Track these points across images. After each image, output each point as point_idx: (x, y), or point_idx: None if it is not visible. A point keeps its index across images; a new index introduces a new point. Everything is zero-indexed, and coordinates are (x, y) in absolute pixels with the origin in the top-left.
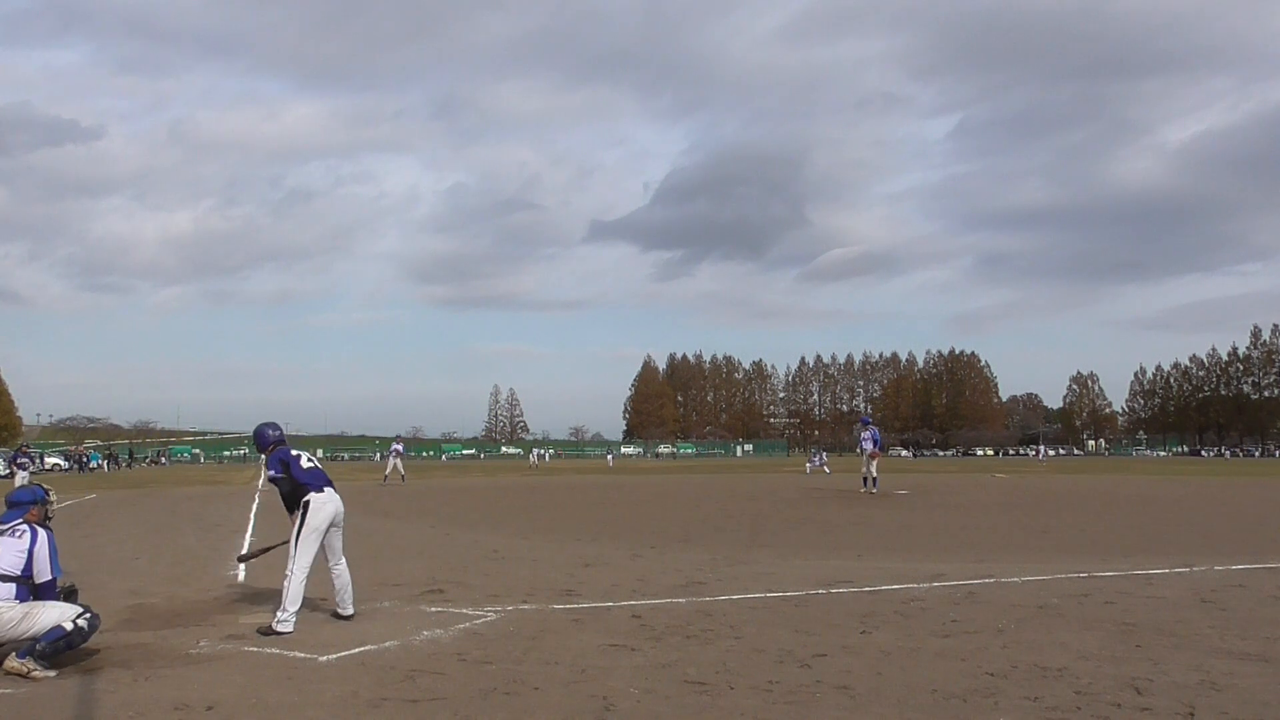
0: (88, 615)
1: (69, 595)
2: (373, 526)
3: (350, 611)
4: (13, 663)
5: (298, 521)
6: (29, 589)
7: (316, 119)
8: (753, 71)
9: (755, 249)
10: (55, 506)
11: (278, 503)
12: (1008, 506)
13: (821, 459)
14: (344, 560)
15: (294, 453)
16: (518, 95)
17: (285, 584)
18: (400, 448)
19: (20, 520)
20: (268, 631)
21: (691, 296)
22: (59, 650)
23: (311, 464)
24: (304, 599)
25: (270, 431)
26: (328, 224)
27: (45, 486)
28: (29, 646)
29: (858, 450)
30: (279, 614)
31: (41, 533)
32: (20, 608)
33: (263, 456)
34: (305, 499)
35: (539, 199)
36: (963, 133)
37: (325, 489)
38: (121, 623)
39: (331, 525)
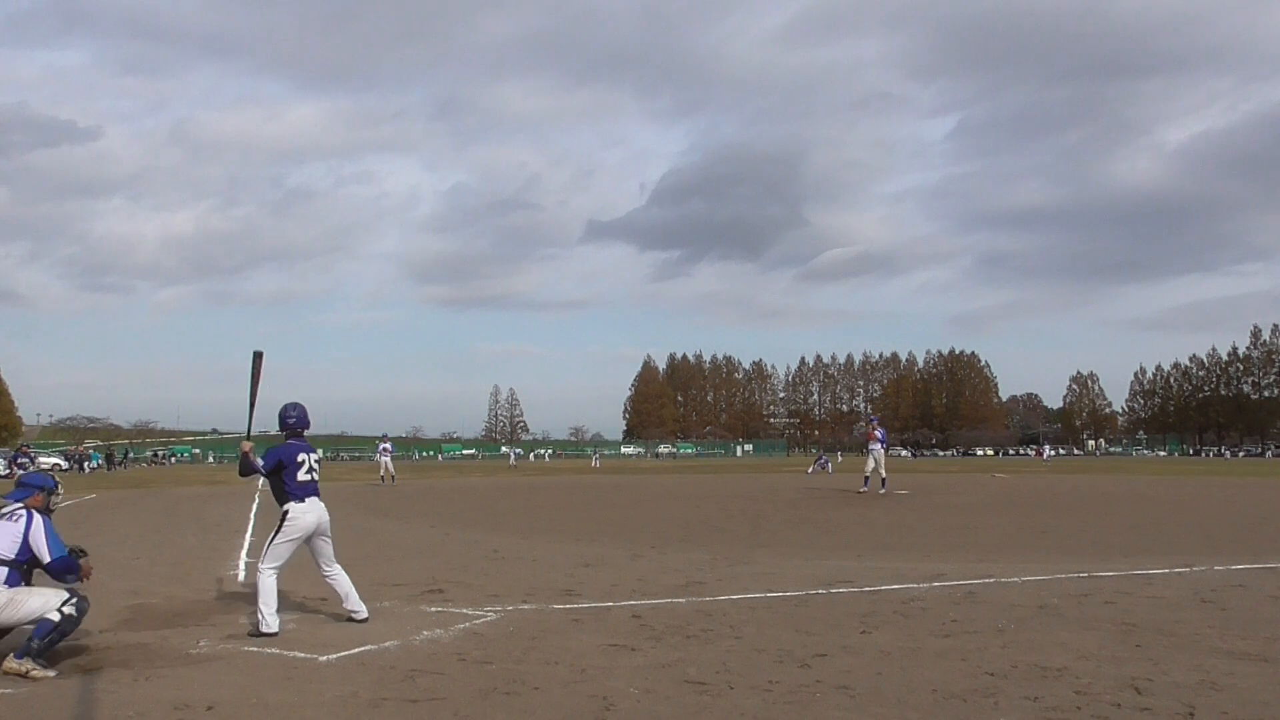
0: (74, 600)
1: (77, 554)
2: (373, 526)
3: (364, 613)
4: (10, 663)
5: (276, 527)
6: (20, 573)
7: (317, 119)
8: (751, 72)
9: (753, 249)
10: (59, 499)
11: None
12: (1008, 506)
13: (824, 462)
14: (337, 565)
15: (300, 458)
16: (518, 96)
17: (258, 584)
18: (389, 446)
19: (20, 505)
20: (255, 633)
21: (691, 296)
22: (54, 643)
23: (309, 476)
24: (303, 599)
25: (290, 416)
26: (328, 224)
27: (57, 479)
28: (25, 646)
29: (869, 449)
30: (258, 615)
31: (37, 517)
32: (5, 593)
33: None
34: (286, 507)
35: (539, 199)
36: (962, 133)
37: (308, 499)
38: (121, 623)
39: (315, 535)
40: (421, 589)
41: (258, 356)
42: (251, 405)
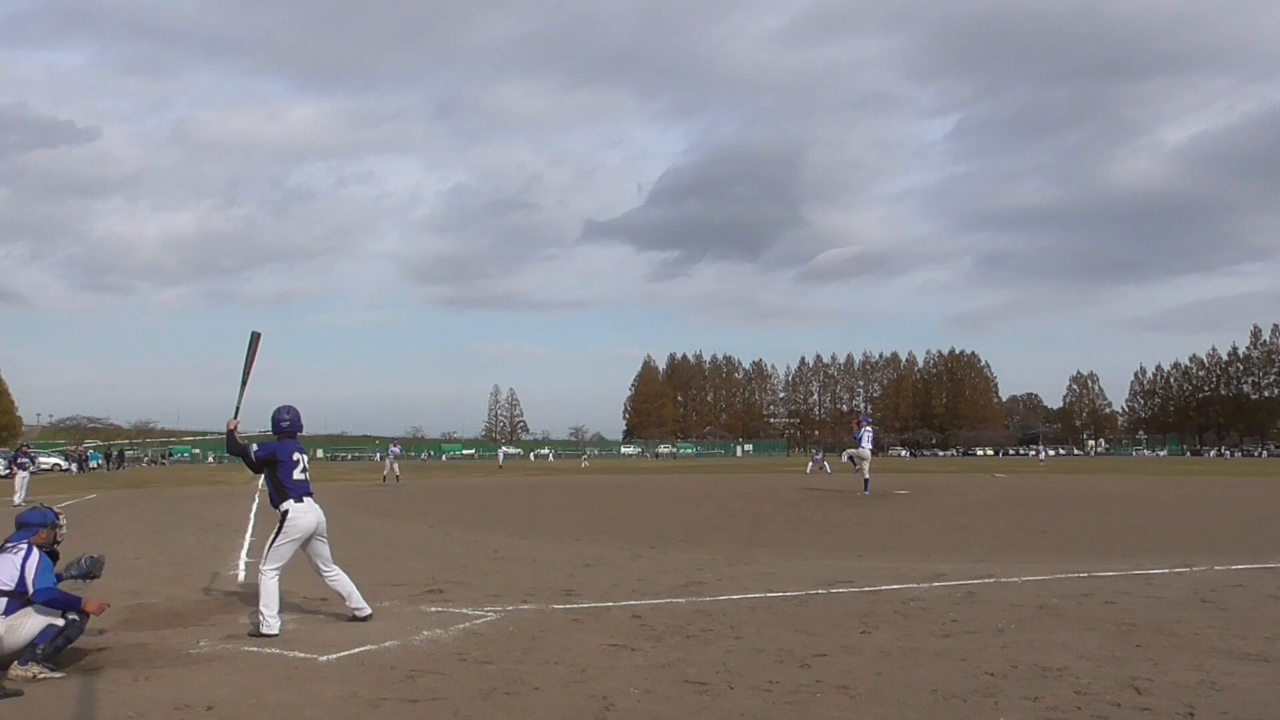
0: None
1: (94, 564)
2: (373, 526)
3: (367, 610)
4: (17, 670)
5: (276, 528)
6: (20, 603)
7: (318, 119)
8: (751, 72)
9: (751, 249)
10: (64, 531)
11: None
12: (1008, 506)
13: (820, 459)
14: (335, 566)
15: (295, 456)
16: (518, 96)
17: (259, 586)
18: (398, 450)
19: (24, 542)
20: (255, 634)
21: (691, 296)
22: (59, 648)
23: (304, 475)
24: (302, 599)
25: (283, 419)
26: (329, 224)
27: (56, 510)
28: (30, 653)
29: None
30: (259, 616)
31: (35, 552)
32: (3, 622)
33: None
34: (284, 507)
35: (539, 199)
36: (961, 133)
37: (305, 499)
38: (121, 623)
39: (313, 535)
40: (421, 589)
41: (255, 337)
42: (243, 384)
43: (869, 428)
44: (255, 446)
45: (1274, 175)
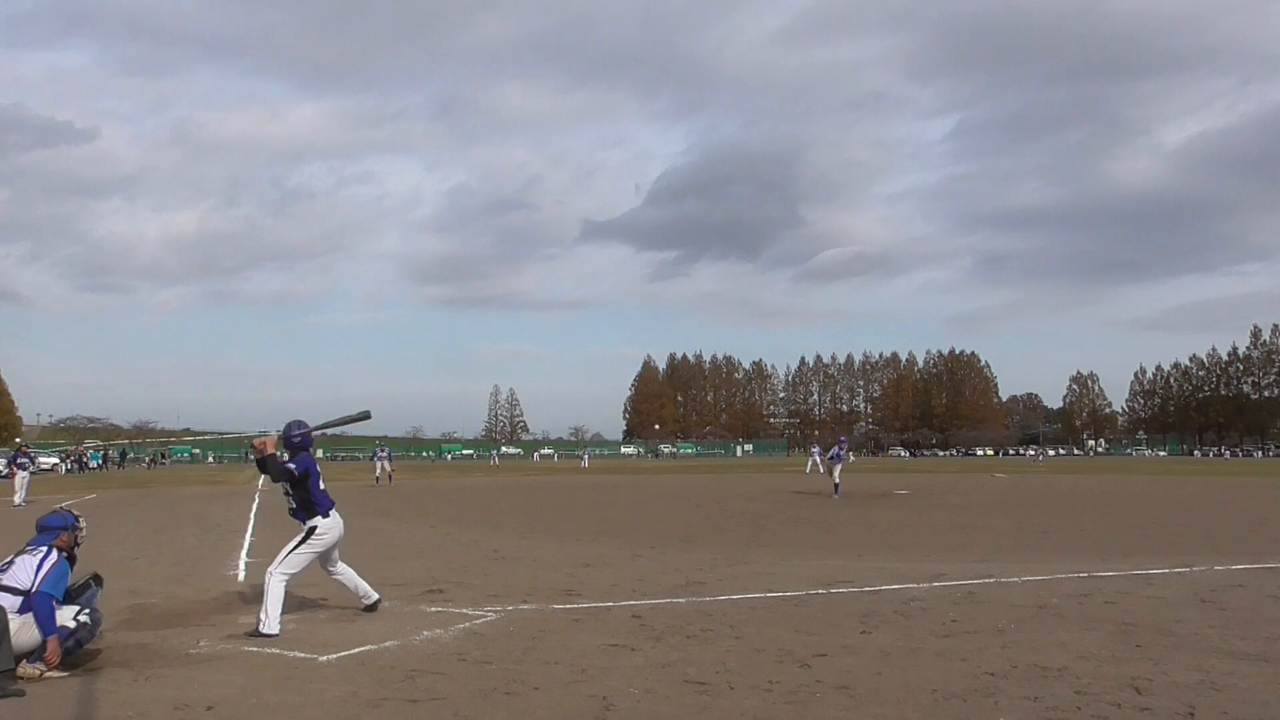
0: (88, 610)
1: (96, 580)
2: (373, 526)
3: (374, 596)
4: (26, 669)
5: (300, 538)
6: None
7: (318, 120)
8: (750, 73)
9: (750, 249)
10: (84, 534)
11: (278, 503)
12: (1008, 506)
13: (818, 459)
14: (341, 562)
15: (317, 468)
16: (518, 96)
17: (266, 587)
18: (385, 453)
19: (45, 545)
20: (255, 634)
21: (691, 296)
22: (69, 650)
23: (324, 486)
24: (302, 599)
25: (294, 435)
26: (329, 224)
27: (76, 513)
28: (40, 652)
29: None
30: (262, 616)
31: (54, 554)
32: (18, 619)
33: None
34: (313, 523)
35: (539, 200)
36: (961, 133)
37: (332, 513)
38: (121, 623)
39: (334, 546)
40: (421, 589)
41: (364, 416)
42: (320, 427)
43: (845, 449)
44: (293, 466)
45: (1274, 175)
